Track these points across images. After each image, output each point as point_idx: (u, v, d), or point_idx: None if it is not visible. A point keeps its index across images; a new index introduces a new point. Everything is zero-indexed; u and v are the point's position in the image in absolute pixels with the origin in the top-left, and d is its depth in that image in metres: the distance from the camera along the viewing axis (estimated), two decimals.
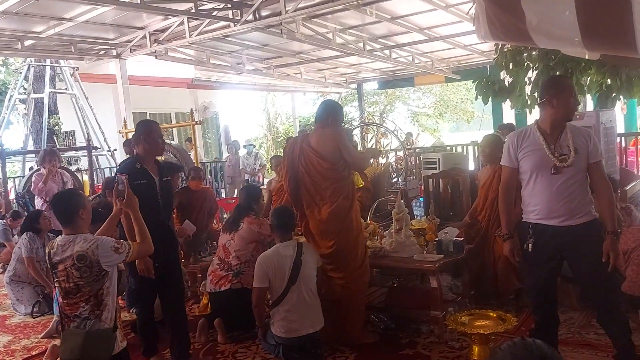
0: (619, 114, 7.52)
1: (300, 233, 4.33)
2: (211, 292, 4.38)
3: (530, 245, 3.05)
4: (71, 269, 2.78)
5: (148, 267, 3.56)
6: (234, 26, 7.34)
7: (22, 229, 5.95)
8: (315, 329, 3.46)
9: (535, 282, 3.18)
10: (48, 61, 11.86)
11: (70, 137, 13.56)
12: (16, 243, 6.30)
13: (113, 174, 8.69)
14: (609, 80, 5.52)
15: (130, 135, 8.30)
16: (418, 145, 13.98)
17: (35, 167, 8.91)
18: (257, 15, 7.17)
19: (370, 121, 9.39)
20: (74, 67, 12.15)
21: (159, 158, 4.01)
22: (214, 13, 7.23)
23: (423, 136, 19.97)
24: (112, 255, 2.83)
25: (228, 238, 4.43)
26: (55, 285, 2.93)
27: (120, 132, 9.10)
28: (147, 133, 3.67)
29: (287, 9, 6.60)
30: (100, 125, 12.10)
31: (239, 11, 7.20)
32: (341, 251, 3.73)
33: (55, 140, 12.26)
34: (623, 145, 7.10)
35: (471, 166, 8.06)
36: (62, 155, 7.79)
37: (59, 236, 2.95)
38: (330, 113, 3.86)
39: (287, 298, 3.40)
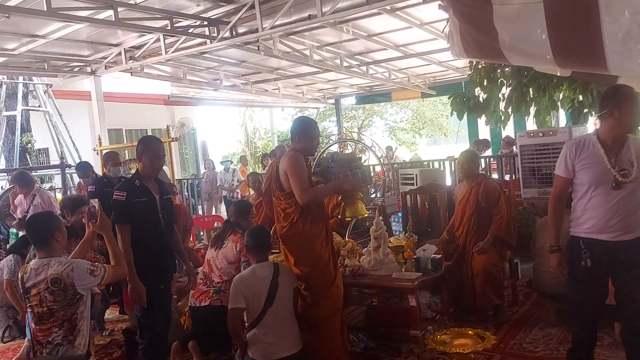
0: (592, 129, 7.65)
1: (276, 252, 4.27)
2: (191, 306, 4.27)
3: (588, 260, 2.90)
4: (45, 293, 2.71)
5: (141, 293, 3.38)
6: (211, 43, 7.31)
7: (8, 251, 5.80)
8: (293, 352, 3.40)
9: (587, 299, 3.01)
10: (21, 78, 11.68)
11: (44, 155, 13.33)
12: None
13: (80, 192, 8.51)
14: (580, 97, 5.62)
15: (104, 153, 8.18)
16: (398, 159, 14.02)
17: (8, 186, 8.73)
18: (234, 32, 7.16)
19: (348, 137, 9.42)
20: (47, 84, 11.97)
21: None
22: (191, 30, 7.20)
23: (401, 150, 20.13)
24: (87, 278, 2.78)
25: (213, 254, 4.32)
26: (28, 310, 2.86)
27: (95, 150, 8.97)
28: (143, 151, 3.57)
29: (264, 26, 6.60)
30: (75, 143, 11.92)
31: (215, 28, 7.18)
32: (302, 272, 3.61)
33: (28, 158, 12.04)
34: None
35: (448, 181, 8.12)
36: (33, 174, 7.63)
37: (32, 260, 2.88)
38: (298, 131, 3.67)
39: (264, 320, 3.33)
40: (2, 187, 9.44)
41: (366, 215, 4.20)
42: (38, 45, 7.43)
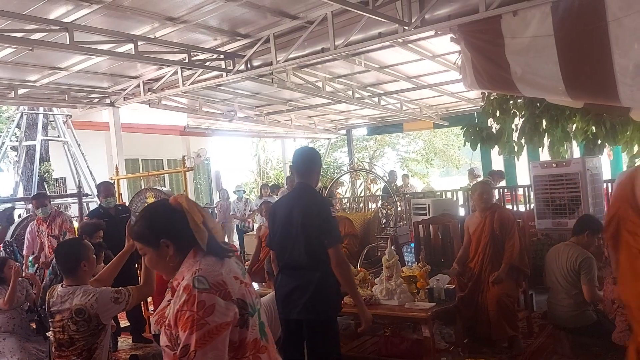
0: (606, 161, 7.64)
1: None
2: None
3: None
4: (68, 322, 2.74)
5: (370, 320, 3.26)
6: (227, 76, 7.47)
7: None
8: None
9: None
10: (41, 109, 11.95)
11: (61, 184, 13.52)
12: None
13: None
14: (593, 128, 5.64)
15: (122, 182, 8.30)
16: (413, 188, 14.02)
17: (25, 215, 8.85)
18: (249, 65, 7.32)
19: (359, 167, 9.48)
20: (67, 115, 12.23)
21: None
22: (207, 63, 7.37)
23: (413, 180, 20.11)
24: (112, 307, 2.79)
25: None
26: (50, 334, 2.88)
27: (112, 179, 9.09)
28: (318, 166, 3.56)
29: (278, 59, 6.74)
30: (92, 172, 12.10)
31: (231, 61, 7.35)
32: None
33: (46, 187, 12.22)
34: (609, 191, 7.21)
35: (461, 212, 8.09)
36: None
37: (60, 285, 2.90)
38: None
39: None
40: (19, 215, 9.57)
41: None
42: (59, 77, 7.64)
